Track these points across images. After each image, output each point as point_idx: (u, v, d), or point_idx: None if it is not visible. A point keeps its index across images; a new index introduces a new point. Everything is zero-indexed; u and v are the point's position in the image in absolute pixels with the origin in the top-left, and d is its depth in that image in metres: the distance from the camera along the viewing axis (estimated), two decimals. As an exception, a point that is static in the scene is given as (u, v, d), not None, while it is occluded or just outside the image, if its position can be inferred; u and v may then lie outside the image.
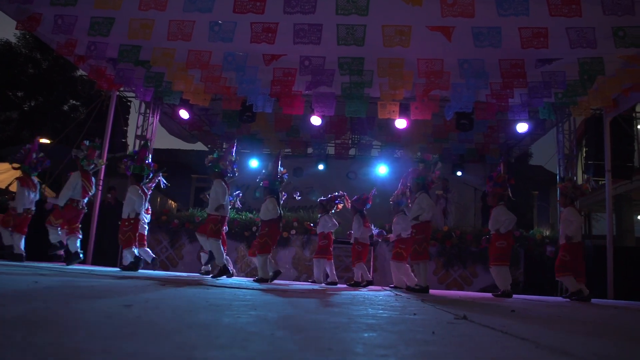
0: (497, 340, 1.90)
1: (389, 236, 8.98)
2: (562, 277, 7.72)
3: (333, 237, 9.00)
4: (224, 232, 8.07)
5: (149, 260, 8.94)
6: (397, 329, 1.99)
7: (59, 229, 8.37)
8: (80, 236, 8.46)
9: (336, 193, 9.12)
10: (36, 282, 3.49)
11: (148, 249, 8.96)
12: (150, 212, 9.31)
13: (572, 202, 7.95)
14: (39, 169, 8.96)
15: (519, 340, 1.92)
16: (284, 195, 8.61)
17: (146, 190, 8.51)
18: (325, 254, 8.69)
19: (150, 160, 8.55)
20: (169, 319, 1.86)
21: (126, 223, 8.21)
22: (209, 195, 8.15)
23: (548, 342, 1.93)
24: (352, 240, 8.87)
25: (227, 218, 8.10)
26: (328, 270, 8.77)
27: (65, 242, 8.35)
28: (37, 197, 9.00)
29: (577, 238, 7.66)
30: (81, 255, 8.48)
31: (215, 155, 8.10)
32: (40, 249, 9.18)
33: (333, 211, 9.06)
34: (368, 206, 9.06)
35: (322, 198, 9.11)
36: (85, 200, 8.53)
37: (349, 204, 9.00)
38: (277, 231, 7.67)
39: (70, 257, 8.25)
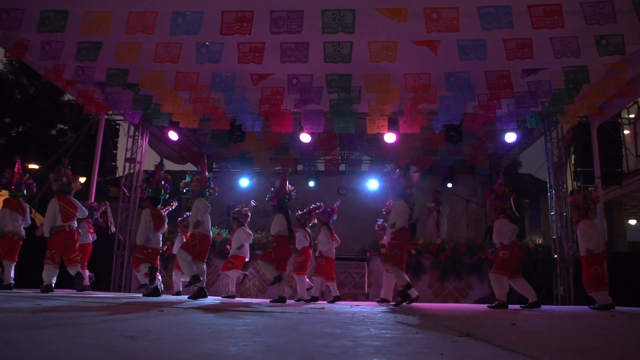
0: (506, 359, 1.88)
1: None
2: (596, 293, 7.54)
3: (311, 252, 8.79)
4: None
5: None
6: (404, 352, 1.97)
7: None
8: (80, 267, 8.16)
9: (312, 205, 8.97)
10: (34, 313, 3.43)
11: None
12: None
13: (586, 214, 7.88)
14: (23, 189, 8.65)
15: (527, 358, 1.90)
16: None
17: (164, 214, 8.15)
18: (302, 269, 8.48)
19: (165, 181, 8.15)
20: (176, 351, 1.83)
21: (144, 251, 7.84)
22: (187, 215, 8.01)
23: (557, 357, 1.91)
24: (316, 254, 8.65)
25: (209, 237, 7.83)
26: (298, 287, 8.56)
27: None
28: (28, 222, 8.76)
29: (598, 250, 7.61)
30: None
31: (187, 180, 7.95)
32: (32, 277, 9.00)
33: (311, 224, 8.96)
34: (334, 218, 8.96)
35: (298, 212, 8.97)
36: (75, 223, 8.22)
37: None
38: (286, 248, 7.63)
39: (77, 282, 7.98)
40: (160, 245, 8.11)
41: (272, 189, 7.97)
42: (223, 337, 2.26)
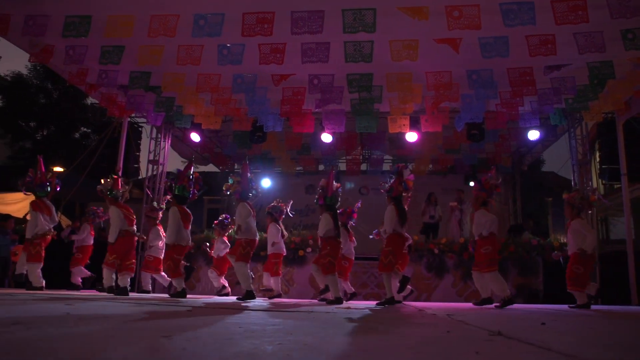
0: (543, 357, 1.87)
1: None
2: (574, 291, 7.44)
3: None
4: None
5: (165, 285, 8.95)
6: (438, 350, 1.97)
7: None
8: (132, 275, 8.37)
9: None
10: (68, 313, 3.50)
11: (163, 274, 8.89)
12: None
13: (578, 214, 7.72)
14: (47, 188, 8.76)
15: (564, 356, 1.88)
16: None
17: (189, 211, 8.03)
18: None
19: (192, 180, 7.99)
20: (213, 350, 1.85)
21: (180, 250, 7.79)
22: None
23: (594, 357, 1.89)
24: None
25: (255, 241, 7.82)
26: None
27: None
28: (56, 220, 8.89)
29: (590, 251, 7.45)
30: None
31: (231, 182, 7.97)
32: (61, 277, 9.17)
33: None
34: (353, 220, 8.89)
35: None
36: (135, 227, 8.45)
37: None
38: (337, 249, 7.59)
39: (120, 292, 7.89)
40: (190, 242, 8.12)
41: (319, 189, 7.93)
42: (256, 336, 2.28)
